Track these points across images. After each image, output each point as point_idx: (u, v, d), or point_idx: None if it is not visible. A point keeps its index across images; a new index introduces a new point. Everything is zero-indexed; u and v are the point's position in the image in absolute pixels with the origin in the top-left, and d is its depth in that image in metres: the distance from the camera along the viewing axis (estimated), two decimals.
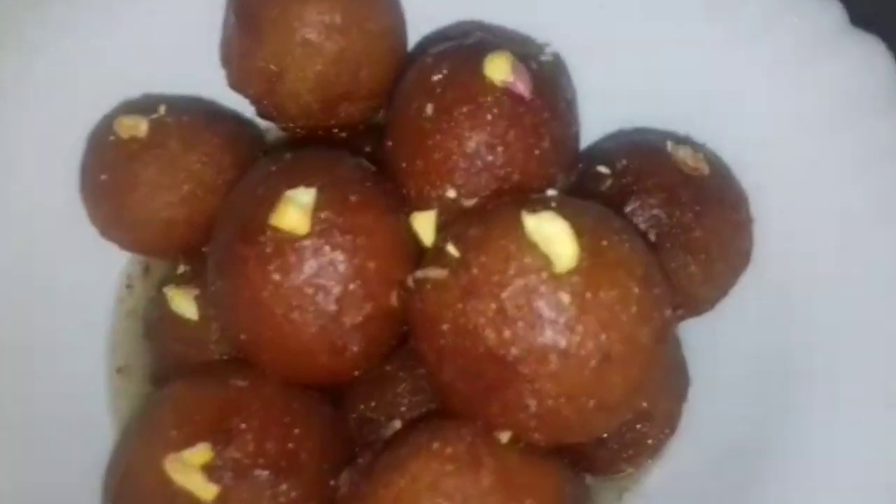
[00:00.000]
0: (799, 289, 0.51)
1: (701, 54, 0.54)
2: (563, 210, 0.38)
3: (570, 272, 0.37)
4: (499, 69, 0.44)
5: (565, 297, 0.37)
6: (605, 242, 0.38)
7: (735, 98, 0.54)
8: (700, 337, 0.53)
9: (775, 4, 0.52)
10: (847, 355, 0.49)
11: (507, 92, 0.44)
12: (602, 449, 0.50)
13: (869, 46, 0.49)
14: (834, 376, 0.49)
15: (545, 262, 0.37)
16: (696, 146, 0.51)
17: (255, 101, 0.57)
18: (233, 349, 0.49)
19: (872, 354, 0.48)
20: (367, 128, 0.59)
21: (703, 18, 0.54)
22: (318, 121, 0.57)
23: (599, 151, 0.53)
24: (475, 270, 0.38)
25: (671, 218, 0.49)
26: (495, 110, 0.44)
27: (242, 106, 0.58)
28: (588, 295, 0.37)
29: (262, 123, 0.61)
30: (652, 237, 0.48)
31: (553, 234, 0.37)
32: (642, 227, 0.48)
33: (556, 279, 0.37)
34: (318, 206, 0.42)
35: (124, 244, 0.55)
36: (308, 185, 0.43)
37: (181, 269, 0.56)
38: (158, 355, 0.55)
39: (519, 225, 0.38)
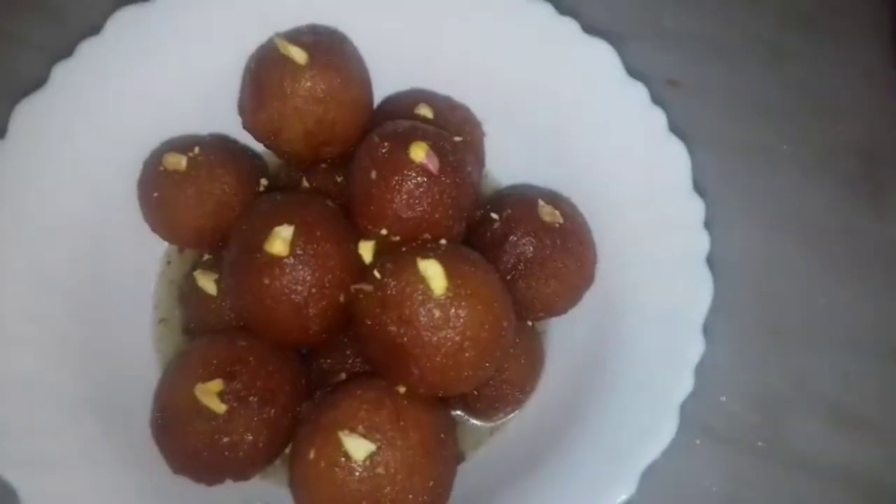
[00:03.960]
0: (617, 301, 0.74)
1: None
2: (443, 258, 0.62)
3: (440, 297, 0.61)
4: (418, 154, 0.66)
5: (437, 312, 0.60)
6: (465, 280, 0.62)
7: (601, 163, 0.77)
8: (557, 331, 0.78)
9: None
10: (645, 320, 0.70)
11: (422, 169, 0.67)
12: (480, 401, 0.75)
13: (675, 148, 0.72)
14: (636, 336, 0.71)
15: (428, 289, 0.61)
16: (558, 202, 0.74)
17: (261, 141, 0.80)
18: (238, 319, 0.72)
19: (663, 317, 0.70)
20: (342, 160, 0.82)
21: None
22: (306, 158, 0.80)
23: (495, 201, 0.75)
24: (387, 290, 0.62)
25: (536, 252, 0.71)
26: (414, 181, 0.67)
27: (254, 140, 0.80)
28: (451, 311, 0.60)
29: (268, 152, 0.84)
30: (522, 265, 0.72)
31: (433, 274, 0.61)
32: (514, 259, 0.71)
33: (433, 301, 0.61)
34: (294, 238, 0.65)
35: (166, 239, 0.78)
36: (289, 223, 0.66)
37: (206, 257, 0.80)
38: (188, 316, 0.79)
39: (415, 265, 0.62)
